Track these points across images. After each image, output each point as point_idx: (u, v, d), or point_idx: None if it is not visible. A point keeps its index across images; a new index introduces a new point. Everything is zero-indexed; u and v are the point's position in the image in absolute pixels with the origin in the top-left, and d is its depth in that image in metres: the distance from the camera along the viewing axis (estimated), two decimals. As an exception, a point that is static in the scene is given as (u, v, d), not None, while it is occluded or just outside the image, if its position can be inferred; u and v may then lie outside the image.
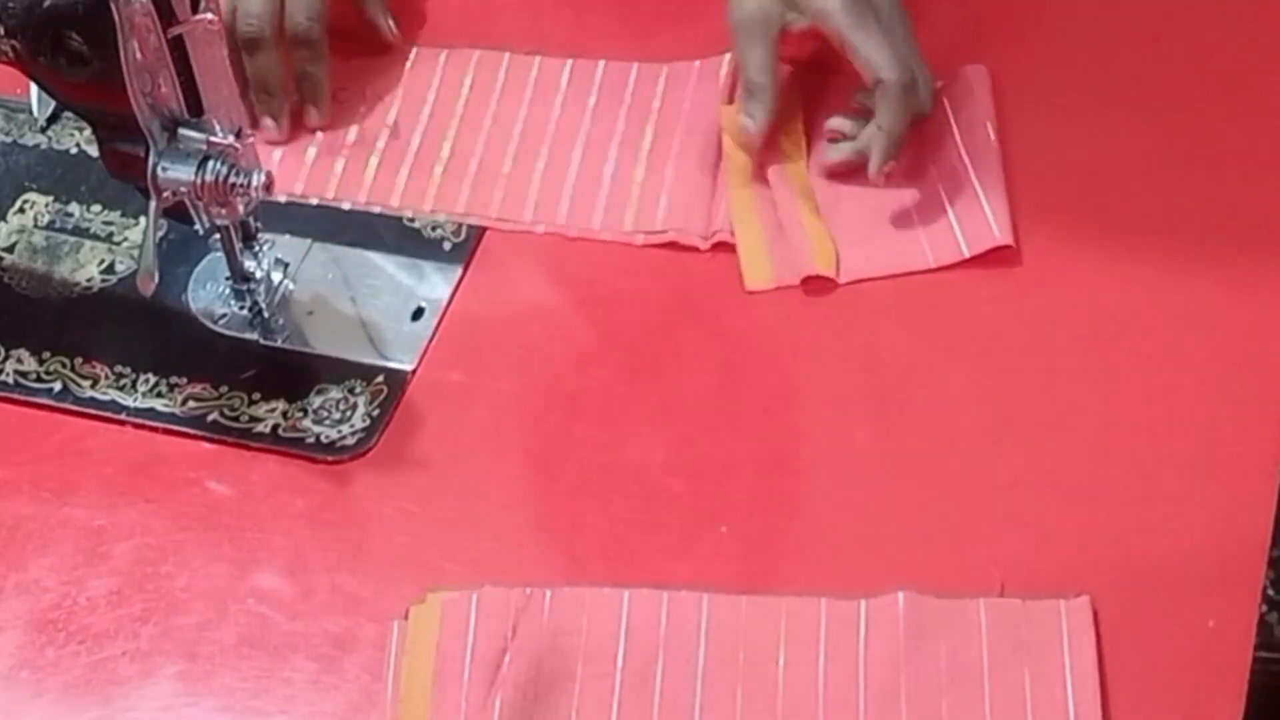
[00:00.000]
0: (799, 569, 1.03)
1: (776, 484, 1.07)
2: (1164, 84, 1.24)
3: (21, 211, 1.23)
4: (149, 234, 1.07)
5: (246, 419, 1.11)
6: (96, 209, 1.23)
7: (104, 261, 1.20)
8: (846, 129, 1.19)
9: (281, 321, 1.16)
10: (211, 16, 1.04)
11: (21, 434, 1.12)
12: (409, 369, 1.13)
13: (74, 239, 1.21)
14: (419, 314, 1.16)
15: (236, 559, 1.05)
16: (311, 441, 1.10)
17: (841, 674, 0.98)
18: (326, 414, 1.11)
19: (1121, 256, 1.15)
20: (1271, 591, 1.45)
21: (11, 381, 1.14)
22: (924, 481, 1.06)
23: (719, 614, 1.00)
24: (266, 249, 1.16)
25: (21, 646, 1.03)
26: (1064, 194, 1.18)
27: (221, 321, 1.17)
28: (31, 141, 1.27)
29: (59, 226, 1.22)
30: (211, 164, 1.06)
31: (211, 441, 1.11)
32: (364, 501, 1.08)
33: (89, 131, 1.13)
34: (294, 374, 1.14)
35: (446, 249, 1.19)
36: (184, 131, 1.06)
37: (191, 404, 1.12)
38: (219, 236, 1.14)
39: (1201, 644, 0.98)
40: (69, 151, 1.26)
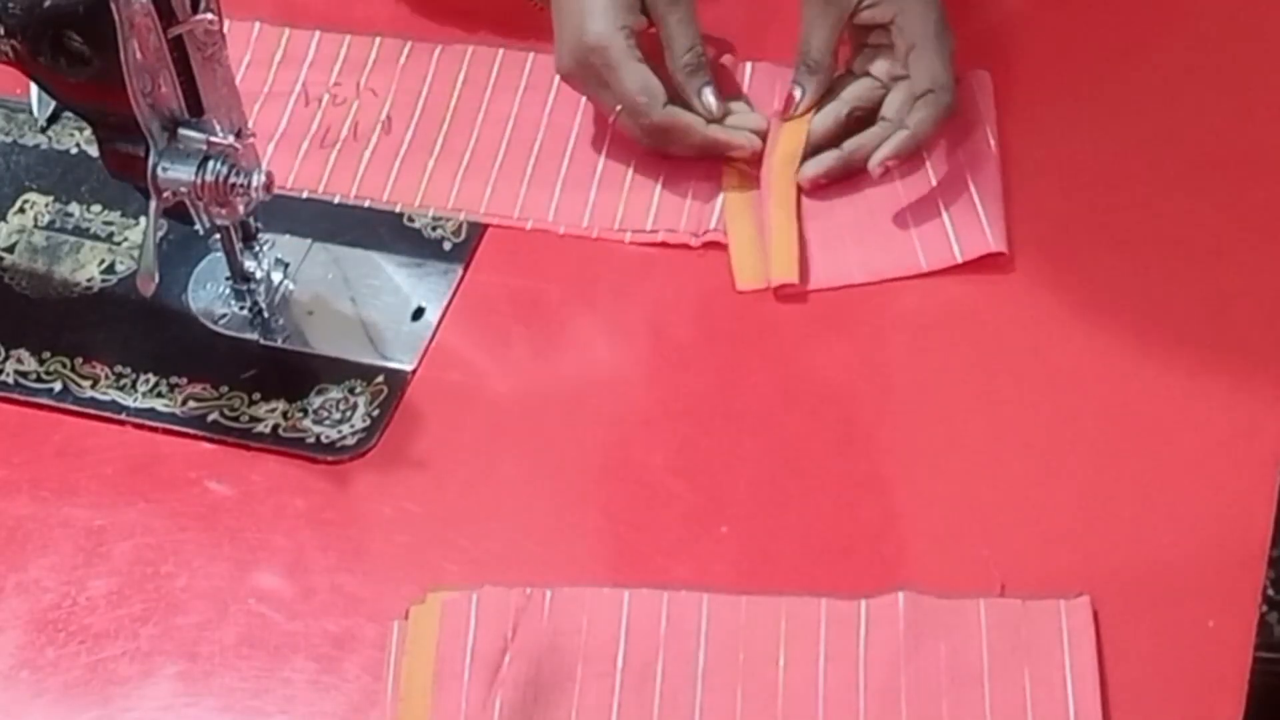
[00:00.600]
0: (799, 569, 1.03)
1: (776, 484, 1.07)
2: (1164, 92, 1.23)
3: (22, 211, 1.23)
4: (149, 234, 1.07)
5: (246, 419, 1.11)
6: (97, 209, 1.22)
7: (104, 261, 1.20)
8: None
9: (281, 321, 1.16)
10: (211, 17, 1.04)
11: (21, 434, 1.12)
12: (409, 369, 1.13)
13: (74, 239, 1.21)
14: (419, 314, 1.16)
15: (236, 559, 1.05)
16: (311, 441, 1.10)
17: (841, 674, 0.97)
18: (326, 414, 1.11)
19: (1121, 257, 1.15)
20: (1271, 591, 1.45)
21: (11, 381, 1.14)
22: (924, 481, 1.06)
23: (719, 614, 1.00)
24: (266, 249, 1.16)
25: (21, 646, 1.03)
26: (1064, 197, 1.18)
27: (222, 321, 1.16)
28: (31, 141, 1.27)
29: (59, 226, 1.22)
30: (211, 164, 1.06)
31: (211, 441, 1.11)
32: (364, 501, 1.08)
33: (89, 131, 1.13)
34: (294, 374, 1.14)
35: (446, 249, 1.19)
36: (184, 131, 1.06)
37: (192, 404, 1.12)
38: (219, 236, 1.13)
39: (1201, 644, 0.98)
40: (69, 151, 1.26)
